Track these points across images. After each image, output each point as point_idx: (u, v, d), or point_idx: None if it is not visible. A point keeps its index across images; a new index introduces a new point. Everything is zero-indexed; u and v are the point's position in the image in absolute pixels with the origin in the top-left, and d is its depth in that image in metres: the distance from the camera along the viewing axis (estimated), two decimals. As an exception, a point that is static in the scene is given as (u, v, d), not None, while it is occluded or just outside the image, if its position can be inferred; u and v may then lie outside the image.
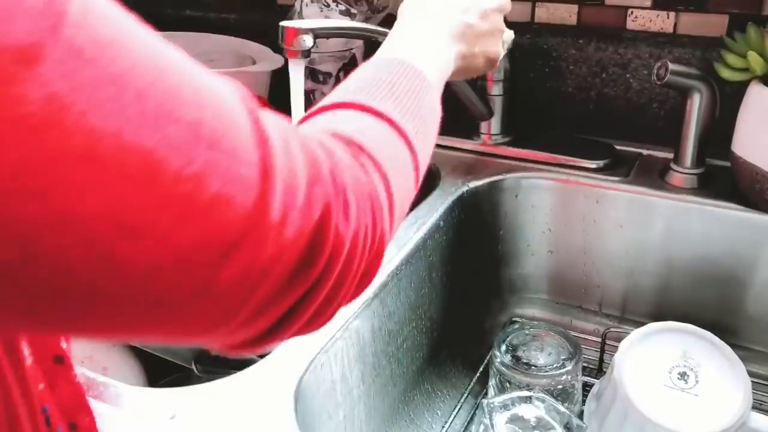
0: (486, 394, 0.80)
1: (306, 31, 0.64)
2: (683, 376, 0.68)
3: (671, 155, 0.85)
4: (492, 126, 0.95)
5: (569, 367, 0.72)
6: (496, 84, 0.92)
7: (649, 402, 0.66)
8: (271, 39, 0.83)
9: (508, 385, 0.72)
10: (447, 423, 0.80)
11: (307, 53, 0.65)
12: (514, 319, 0.94)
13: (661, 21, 0.92)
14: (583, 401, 0.76)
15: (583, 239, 0.90)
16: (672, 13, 0.91)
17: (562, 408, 0.66)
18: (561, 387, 0.72)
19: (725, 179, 0.82)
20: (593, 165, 0.89)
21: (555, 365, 0.72)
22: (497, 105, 0.93)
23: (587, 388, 0.78)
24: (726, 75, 0.78)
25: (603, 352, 0.83)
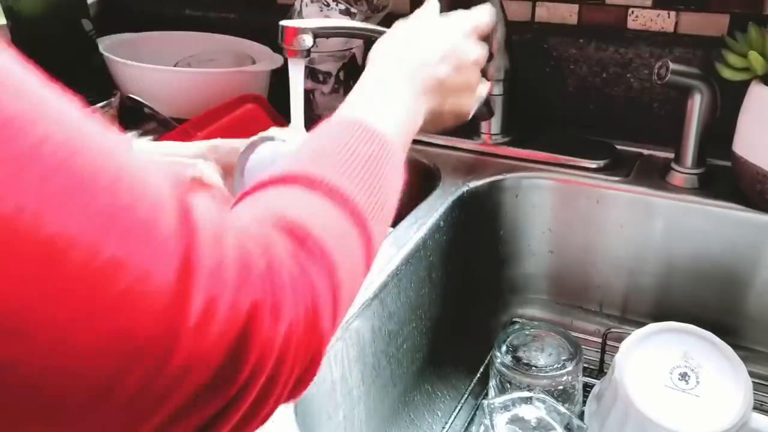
0: (486, 394, 0.80)
1: (306, 31, 0.64)
2: (684, 376, 0.67)
3: (672, 155, 0.85)
4: (492, 126, 0.94)
5: (570, 368, 0.72)
6: (496, 84, 0.92)
7: (650, 402, 0.66)
8: (271, 39, 0.83)
9: (508, 386, 0.72)
10: (447, 424, 0.79)
11: (307, 53, 0.64)
12: (514, 320, 0.94)
13: (662, 20, 0.92)
14: (584, 402, 0.76)
15: (584, 239, 0.90)
16: (673, 13, 0.91)
17: (562, 409, 0.66)
18: (561, 388, 0.72)
19: (726, 179, 0.82)
20: (594, 165, 0.89)
21: (555, 366, 0.72)
22: (497, 105, 0.93)
23: (588, 388, 0.77)
24: (727, 75, 0.78)
25: (604, 352, 0.83)
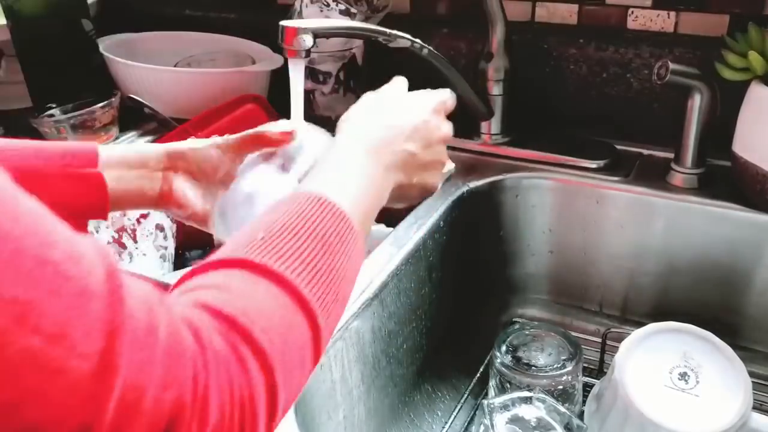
0: (486, 394, 0.80)
1: (306, 31, 0.64)
2: (684, 376, 0.67)
3: (672, 155, 0.85)
4: (492, 126, 0.95)
5: (570, 368, 0.72)
6: (496, 84, 0.92)
7: (650, 402, 0.66)
8: (271, 39, 0.83)
9: (508, 386, 0.72)
10: (447, 424, 0.79)
11: (307, 53, 0.64)
12: (514, 320, 0.94)
13: (662, 20, 0.92)
14: (584, 402, 0.76)
15: (584, 239, 0.90)
16: (673, 13, 0.91)
17: (562, 408, 0.66)
18: (561, 387, 0.72)
19: (726, 179, 0.82)
20: (593, 165, 0.89)
21: (555, 366, 0.72)
22: (497, 105, 0.93)
23: (588, 388, 0.77)
24: (727, 75, 0.78)
25: (603, 352, 0.83)
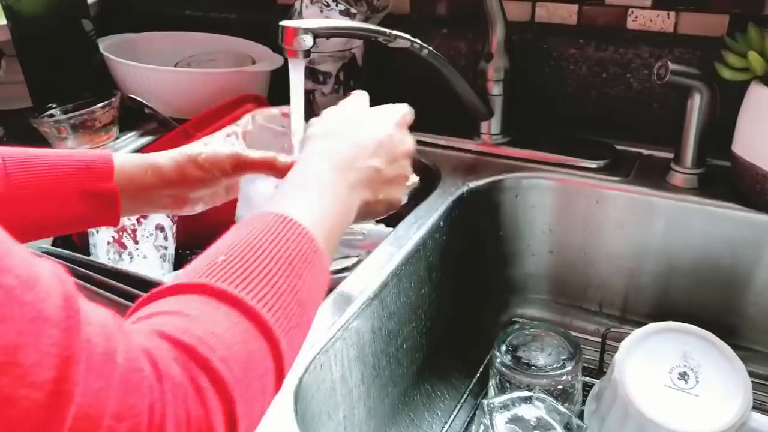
0: (486, 394, 0.80)
1: (306, 31, 0.64)
2: (683, 376, 0.67)
3: (671, 155, 0.85)
4: (492, 126, 0.95)
5: (569, 368, 0.72)
6: (496, 84, 0.92)
7: (650, 402, 0.66)
8: (271, 39, 0.83)
9: (508, 386, 0.72)
10: (447, 423, 0.79)
11: (307, 53, 0.64)
12: (514, 320, 0.94)
13: (662, 21, 0.92)
14: (584, 401, 0.76)
15: (584, 239, 0.90)
16: (672, 13, 0.91)
17: (562, 408, 0.66)
18: (561, 387, 0.72)
19: (725, 179, 0.82)
20: (593, 165, 0.89)
21: (555, 365, 0.72)
22: (497, 105, 0.93)
23: (587, 388, 0.77)
24: (726, 75, 0.78)
25: (603, 352, 0.83)
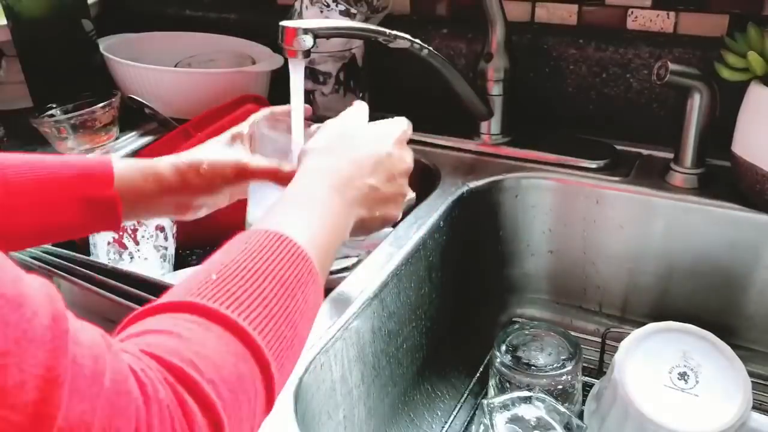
0: (486, 394, 0.80)
1: (306, 31, 0.64)
2: (683, 376, 0.68)
3: (671, 155, 0.85)
4: (492, 126, 0.95)
5: (569, 368, 0.72)
6: (496, 84, 0.92)
7: (650, 402, 0.66)
8: (271, 39, 0.83)
9: (508, 386, 0.72)
10: (447, 423, 0.79)
11: (307, 53, 0.64)
12: (514, 319, 0.94)
13: (662, 21, 0.92)
14: (583, 401, 0.76)
15: (583, 239, 0.90)
16: (672, 13, 0.91)
17: (562, 408, 0.66)
18: (561, 387, 0.72)
19: (725, 179, 0.82)
20: (593, 165, 0.89)
21: (555, 365, 0.72)
22: (497, 105, 0.93)
23: (587, 388, 0.77)
24: (726, 75, 0.78)
25: (603, 352, 0.83)
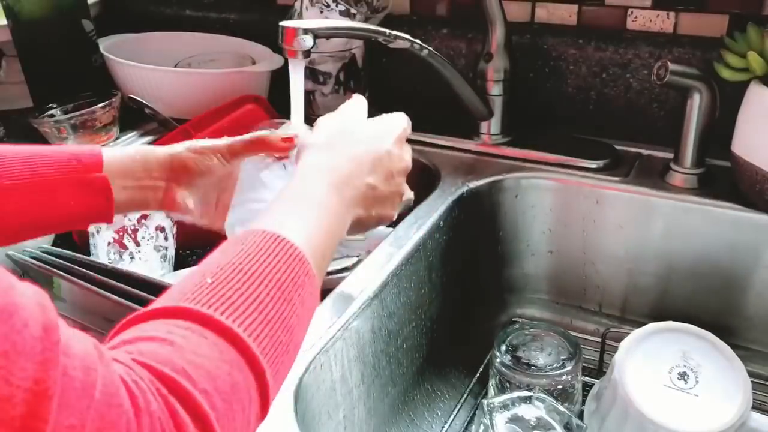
0: (486, 394, 0.80)
1: (306, 32, 0.64)
2: (683, 376, 0.68)
3: (671, 155, 0.85)
4: (492, 126, 0.95)
5: (569, 367, 0.72)
6: (496, 84, 0.92)
7: (649, 402, 0.66)
8: (271, 39, 0.83)
9: (508, 385, 0.72)
10: (447, 423, 0.80)
11: (307, 53, 0.65)
12: (514, 319, 0.94)
13: (661, 21, 0.92)
14: (583, 401, 0.76)
15: (583, 239, 0.90)
16: (672, 13, 0.91)
17: (562, 408, 0.66)
18: (561, 387, 0.72)
19: (725, 179, 0.82)
20: (593, 165, 0.89)
21: (555, 365, 0.72)
22: (497, 105, 0.93)
23: (587, 388, 0.77)
24: (726, 75, 0.78)
25: (603, 352, 0.83)
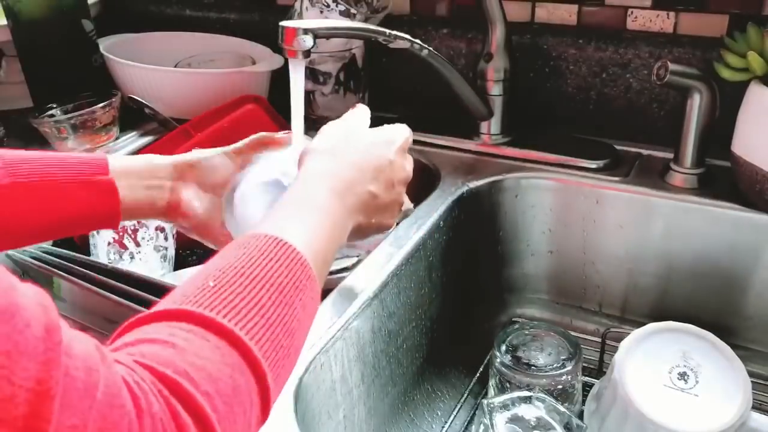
0: (486, 394, 0.80)
1: (306, 32, 0.64)
2: (683, 376, 0.68)
3: (671, 155, 0.85)
4: (492, 126, 0.95)
5: (569, 367, 0.72)
6: (496, 84, 0.92)
7: (649, 402, 0.66)
8: (271, 39, 0.83)
9: (508, 386, 0.72)
10: (447, 423, 0.80)
11: (307, 53, 0.64)
12: (514, 319, 0.94)
13: (661, 21, 0.92)
14: (583, 401, 0.76)
15: (583, 239, 0.90)
16: (672, 13, 0.91)
17: (562, 408, 0.66)
18: (561, 387, 0.72)
19: (725, 179, 0.82)
20: (593, 165, 0.89)
21: (555, 365, 0.72)
22: (497, 105, 0.93)
23: (587, 388, 0.77)
24: (726, 75, 0.78)
25: (603, 352, 0.83)
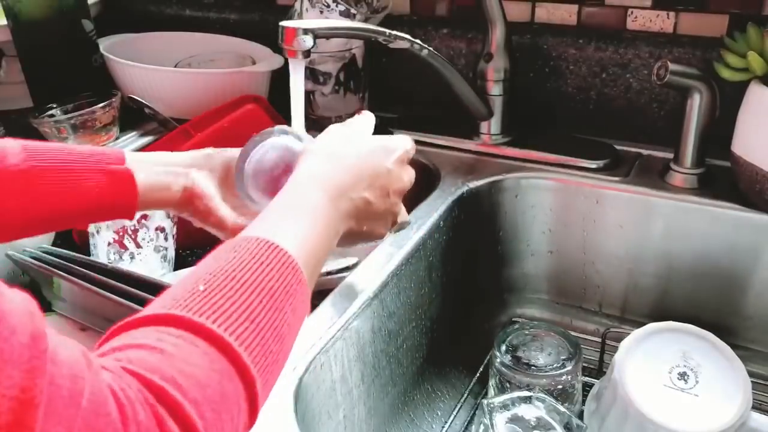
0: (486, 394, 0.80)
1: (306, 32, 0.64)
2: (683, 376, 0.68)
3: (671, 155, 0.85)
4: (492, 126, 0.95)
5: (569, 367, 0.72)
6: (496, 84, 0.92)
7: (649, 402, 0.66)
8: (271, 39, 0.83)
9: (508, 386, 0.72)
10: (447, 423, 0.80)
11: (307, 53, 0.65)
12: (514, 319, 0.94)
13: (661, 21, 0.92)
14: (583, 401, 0.76)
15: (583, 239, 0.90)
16: (672, 13, 0.91)
17: (562, 408, 0.66)
18: (561, 387, 0.72)
19: (725, 179, 0.82)
20: (593, 165, 0.89)
21: (555, 365, 0.72)
22: (497, 105, 0.93)
23: (587, 388, 0.77)
24: (726, 75, 0.78)
25: (603, 352, 0.83)
